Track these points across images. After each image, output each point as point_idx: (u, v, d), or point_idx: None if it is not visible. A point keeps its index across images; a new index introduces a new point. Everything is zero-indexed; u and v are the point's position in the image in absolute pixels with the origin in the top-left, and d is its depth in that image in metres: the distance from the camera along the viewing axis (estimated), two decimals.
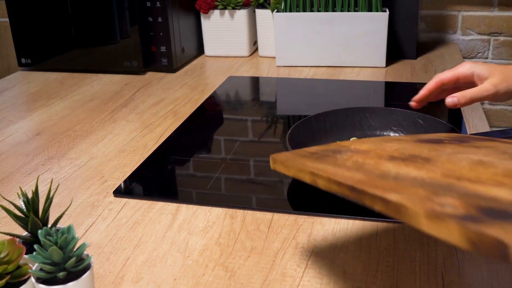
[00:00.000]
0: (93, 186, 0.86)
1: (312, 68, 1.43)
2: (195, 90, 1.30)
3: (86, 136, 1.05)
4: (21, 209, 0.60)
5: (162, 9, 1.37)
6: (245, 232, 0.72)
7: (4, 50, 2.01)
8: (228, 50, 1.56)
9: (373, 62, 1.40)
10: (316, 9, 1.40)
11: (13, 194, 0.84)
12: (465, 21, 1.60)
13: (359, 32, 1.37)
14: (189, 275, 0.64)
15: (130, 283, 0.63)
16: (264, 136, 1.06)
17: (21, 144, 1.03)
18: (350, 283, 0.61)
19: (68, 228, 0.55)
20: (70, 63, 1.47)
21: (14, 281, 0.54)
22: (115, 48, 1.42)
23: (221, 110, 1.23)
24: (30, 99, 1.29)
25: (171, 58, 1.41)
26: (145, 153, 0.97)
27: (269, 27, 1.49)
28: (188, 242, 0.70)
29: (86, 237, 0.72)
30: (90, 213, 0.78)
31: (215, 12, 1.51)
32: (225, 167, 0.91)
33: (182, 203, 0.79)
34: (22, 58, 1.49)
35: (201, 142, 1.03)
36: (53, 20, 1.43)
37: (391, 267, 0.64)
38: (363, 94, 1.25)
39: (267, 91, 1.34)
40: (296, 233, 0.71)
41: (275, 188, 0.85)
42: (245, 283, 0.62)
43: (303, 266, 0.64)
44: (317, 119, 0.95)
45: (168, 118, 1.12)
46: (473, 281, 0.61)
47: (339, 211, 0.75)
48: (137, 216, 0.76)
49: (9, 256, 0.53)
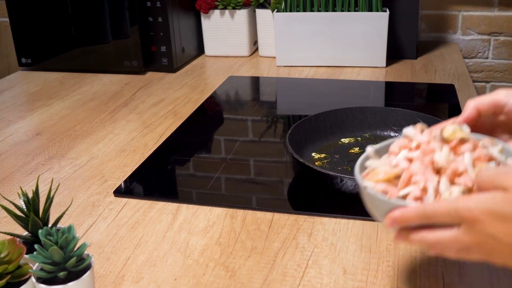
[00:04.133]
0: (94, 186, 0.86)
1: (312, 68, 1.43)
2: (195, 90, 1.30)
3: (86, 136, 1.05)
4: (21, 209, 0.60)
5: (162, 9, 1.37)
6: (245, 232, 0.72)
7: (4, 50, 2.01)
8: (228, 50, 1.56)
9: (373, 62, 1.40)
10: (316, 9, 1.40)
11: (13, 194, 0.84)
12: (465, 21, 1.60)
13: (359, 32, 1.37)
14: (189, 275, 0.64)
15: (130, 283, 0.63)
16: (264, 136, 1.06)
17: (21, 144, 1.03)
18: (350, 283, 0.61)
19: (69, 228, 0.55)
20: (70, 63, 1.47)
21: (14, 281, 0.54)
22: (115, 48, 1.42)
23: (221, 110, 1.23)
24: (30, 99, 1.29)
25: (171, 58, 1.41)
26: (145, 153, 0.97)
27: (269, 27, 1.49)
28: (189, 242, 0.70)
29: (87, 237, 0.72)
30: (90, 213, 0.78)
31: (215, 12, 1.51)
32: (226, 167, 0.91)
33: (182, 203, 0.79)
34: (22, 58, 1.49)
35: (201, 142, 1.03)
36: (53, 20, 1.43)
37: (391, 267, 0.64)
38: (363, 94, 1.25)
39: (267, 91, 1.34)
40: (296, 233, 0.71)
41: (276, 188, 0.85)
42: (246, 283, 0.62)
43: (303, 266, 0.64)
44: (317, 119, 0.95)
45: (168, 118, 1.12)
46: (473, 281, 0.61)
47: (339, 211, 0.75)
48: (138, 216, 0.76)
49: (9, 256, 0.53)
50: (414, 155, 0.53)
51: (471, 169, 0.50)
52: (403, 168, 0.52)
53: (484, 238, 0.45)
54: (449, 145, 0.52)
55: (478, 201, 0.45)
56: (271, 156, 0.96)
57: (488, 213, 0.44)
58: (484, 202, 0.45)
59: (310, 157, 0.89)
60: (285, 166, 0.92)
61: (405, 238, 0.50)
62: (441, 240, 0.47)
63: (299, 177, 0.87)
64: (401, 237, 0.51)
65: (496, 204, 0.44)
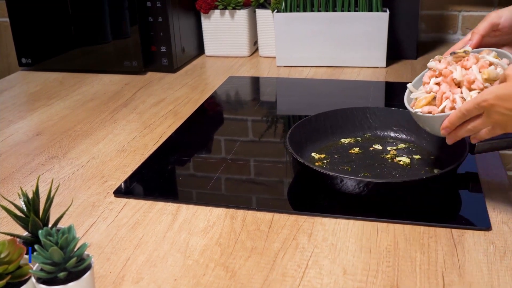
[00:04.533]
0: (94, 186, 0.86)
1: (312, 68, 1.43)
2: (195, 90, 1.30)
3: (87, 136, 1.05)
4: (21, 209, 0.60)
5: (162, 9, 1.37)
6: (245, 232, 0.72)
7: (4, 50, 2.01)
8: (229, 50, 1.56)
9: (373, 62, 1.40)
10: (316, 9, 1.40)
11: (13, 194, 0.84)
12: (465, 21, 1.60)
13: (359, 32, 1.37)
14: (189, 275, 0.64)
15: (130, 283, 0.63)
16: (264, 136, 1.06)
17: (21, 144, 1.03)
18: (350, 283, 0.61)
19: (69, 228, 0.55)
20: (70, 63, 1.47)
21: (14, 281, 0.54)
22: (115, 48, 1.42)
23: (222, 110, 1.23)
24: (30, 99, 1.29)
25: (171, 58, 1.41)
26: (145, 153, 0.97)
27: (269, 27, 1.49)
28: (189, 242, 0.70)
29: (87, 237, 0.72)
30: (90, 213, 0.78)
31: (216, 12, 1.51)
32: (226, 167, 0.91)
33: (182, 203, 0.79)
34: (22, 58, 1.49)
35: (201, 142, 1.03)
36: (53, 20, 1.43)
37: (391, 267, 0.64)
38: (363, 94, 1.25)
39: (267, 91, 1.34)
40: (296, 233, 0.71)
41: (276, 188, 0.85)
42: (246, 283, 0.62)
43: (303, 266, 0.64)
44: (317, 119, 0.95)
45: (168, 118, 1.12)
46: (473, 281, 0.61)
47: (339, 211, 0.75)
48: (138, 216, 0.76)
49: (9, 256, 0.53)
50: (439, 80, 0.75)
51: (479, 76, 0.71)
52: (435, 91, 0.75)
53: (499, 117, 0.65)
54: (460, 63, 0.74)
55: (489, 91, 0.65)
56: (271, 156, 0.96)
57: (496, 97, 0.64)
58: (493, 91, 0.64)
59: (310, 157, 0.89)
60: (285, 166, 0.92)
61: (454, 137, 0.72)
62: (476, 126, 0.68)
63: (299, 177, 0.87)
64: (452, 138, 0.72)
65: (500, 89, 0.64)
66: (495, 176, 0.83)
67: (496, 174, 0.84)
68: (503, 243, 0.67)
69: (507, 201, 0.76)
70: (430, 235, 0.69)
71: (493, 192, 0.79)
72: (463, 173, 0.84)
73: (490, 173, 0.84)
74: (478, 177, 0.83)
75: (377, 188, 0.76)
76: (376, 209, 0.75)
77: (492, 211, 0.74)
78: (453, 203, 0.79)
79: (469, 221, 0.72)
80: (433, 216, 0.74)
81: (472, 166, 0.85)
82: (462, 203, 0.79)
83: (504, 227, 0.71)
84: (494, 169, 0.85)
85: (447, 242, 0.68)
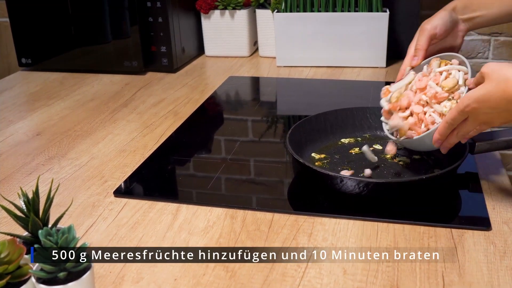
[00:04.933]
0: (94, 186, 0.86)
1: (312, 68, 1.43)
2: (195, 90, 1.30)
3: (87, 136, 1.05)
4: (21, 209, 0.60)
5: (163, 9, 1.37)
6: (245, 232, 0.72)
7: (4, 50, 2.01)
8: (229, 50, 1.56)
9: (373, 62, 1.40)
10: (316, 9, 1.40)
11: (13, 194, 0.84)
12: None
13: (359, 32, 1.37)
14: (189, 275, 0.64)
15: (130, 283, 0.63)
16: (264, 136, 1.06)
17: (21, 144, 1.03)
18: (350, 283, 0.61)
19: (69, 228, 0.55)
20: (70, 63, 1.47)
21: (14, 281, 0.54)
22: (115, 48, 1.42)
23: (222, 110, 1.23)
24: (30, 99, 1.29)
25: (171, 58, 1.41)
26: (145, 153, 0.97)
27: (269, 27, 1.49)
28: (189, 242, 0.70)
29: (87, 237, 0.72)
30: (90, 213, 0.78)
31: (216, 12, 1.51)
32: (226, 167, 0.91)
33: (182, 203, 0.79)
34: (22, 58, 1.49)
35: (201, 142, 1.03)
36: (53, 20, 1.43)
37: (391, 267, 0.64)
38: (363, 94, 1.25)
39: (267, 91, 1.34)
40: (296, 233, 0.71)
41: (276, 188, 0.85)
42: (246, 283, 0.62)
43: (303, 266, 0.64)
44: (317, 119, 0.95)
45: (168, 118, 1.12)
46: (473, 281, 0.61)
47: (339, 211, 0.75)
48: (138, 216, 0.76)
49: (9, 256, 0.53)
50: (407, 114, 0.81)
51: (439, 89, 0.78)
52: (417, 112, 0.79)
53: (484, 116, 0.69)
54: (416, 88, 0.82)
55: (469, 96, 0.69)
56: (271, 156, 0.96)
57: (477, 101, 0.68)
58: (472, 95, 0.68)
59: (310, 157, 0.89)
60: (285, 166, 0.92)
61: (447, 145, 0.76)
62: (465, 131, 0.72)
63: (299, 177, 0.87)
64: (445, 147, 0.76)
65: (479, 92, 0.68)
66: (495, 176, 0.83)
67: (496, 174, 0.84)
68: (503, 243, 0.67)
69: (507, 201, 0.76)
70: (430, 235, 0.69)
71: (493, 192, 0.79)
72: (463, 173, 0.84)
73: (490, 173, 0.84)
74: (478, 177, 0.83)
75: (377, 188, 0.76)
76: (376, 209, 0.75)
77: (492, 211, 0.74)
78: (453, 203, 0.79)
79: (469, 221, 0.72)
80: (433, 216, 0.74)
81: (472, 166, 0.85)
82: (462, 203, 0.79)
83: (504, 227, 0.71)
84: (494, 169, 0.85)
85: (447, 242, 0.68)
